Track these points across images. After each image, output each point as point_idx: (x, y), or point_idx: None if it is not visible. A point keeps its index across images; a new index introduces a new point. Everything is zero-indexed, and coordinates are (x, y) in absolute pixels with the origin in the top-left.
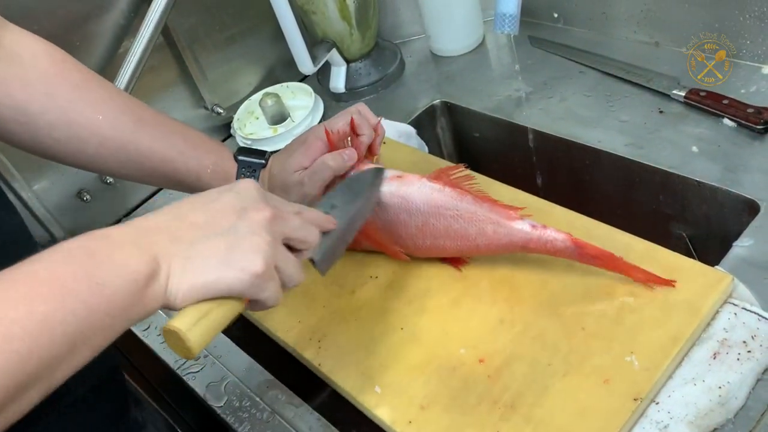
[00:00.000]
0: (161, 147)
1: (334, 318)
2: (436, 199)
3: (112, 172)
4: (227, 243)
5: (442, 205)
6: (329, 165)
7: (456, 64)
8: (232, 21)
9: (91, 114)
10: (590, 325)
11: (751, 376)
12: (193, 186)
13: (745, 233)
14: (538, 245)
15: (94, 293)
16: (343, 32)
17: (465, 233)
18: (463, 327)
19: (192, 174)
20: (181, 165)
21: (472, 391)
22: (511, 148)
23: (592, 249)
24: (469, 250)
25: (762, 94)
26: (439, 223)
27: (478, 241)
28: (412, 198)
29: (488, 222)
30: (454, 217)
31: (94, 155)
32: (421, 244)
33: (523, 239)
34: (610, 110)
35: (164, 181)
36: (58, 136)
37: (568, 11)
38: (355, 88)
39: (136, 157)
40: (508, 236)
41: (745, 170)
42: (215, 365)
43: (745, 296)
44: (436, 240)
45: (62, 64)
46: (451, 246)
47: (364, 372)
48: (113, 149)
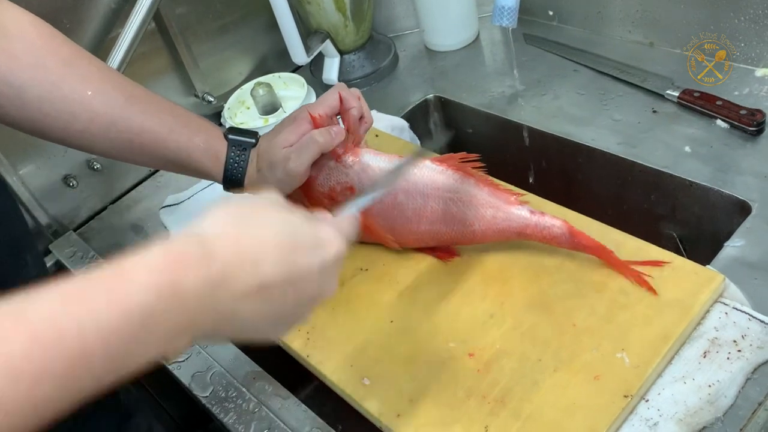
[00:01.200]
0: (151, 124)
1: (323, 309)
2: (437, 180)
3: (100, 150)
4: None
5: (443, 186)
6: (317, 140)
7: (450, 59)
8: (225, 9)
9: (82, 88)
10: (581, 322)
11: (741, 375)
12: (183, 164)
13: (737, 234)
14: (535, 231)
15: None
16: (338, 23)
17: (463, 217)
18: (453, 321)
19: (182, 152)
20: (171, 143)
21: (461, 386)
22: (504, 144)
23: (586, 239)
24: (464, 237)
25: (755, 96)
26: (438, 206)
27: (475, 226)
28: (414, 178)
29: (488, 206)
30: (454, 201)
31: (83, 131)
32: (416, 229)
33: (521, 224)
34: (603, 109)
35: (153, 159)
36: (47, 109)
37: (564, 9)
38: (348, 81)
39: (126, 134)
40: (506, 221)
41: (737, 171)
42: (201, 355)
43: (736, 296)
44: (432, 225)
45: (51, 38)
46: (447, 232)
47: (352, 364)
48: (103, 125)
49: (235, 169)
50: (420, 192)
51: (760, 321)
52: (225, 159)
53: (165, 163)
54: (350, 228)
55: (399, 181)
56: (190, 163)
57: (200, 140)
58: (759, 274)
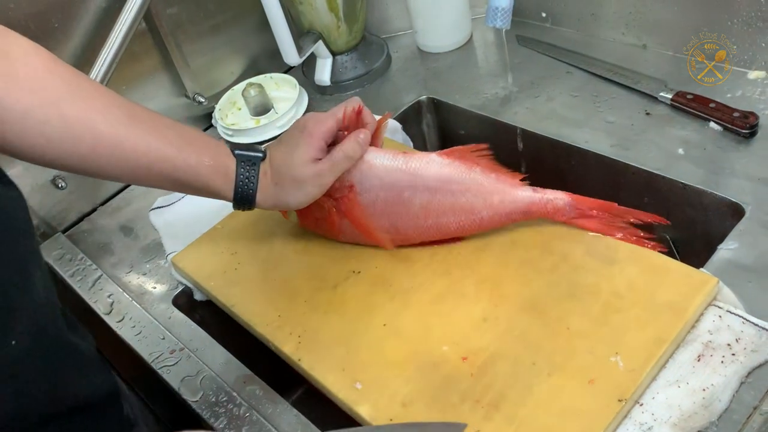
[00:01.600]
0: (157, 143)
1: (315, 312)
2: (445, 174)
3: (106, 173)
4: None
5: (451, 179)
6: (349, 155)
7: (443, 61)
8: (217, 9)
9: (85, 110)
10: (575, 325)
11: (735, 379)
12: (192, 183)
13: (730, 236)
14: (539, 207)
15: None
16: (330, 24)
17: (471, 207)
18: (446, 324)
19: (191, 170)
20: (179, 161)
21: (455, 390)
22: (497, 146)
23: (590, 201)
24: (470, 226)
25: (748, 98)
26: (446, 200)
27: (483, 213)
28: (421, 173)
29: (495, 193)
30: (462, 192)
31: (88, 155)
32: (422, 223)
33: (527, 203)
34: (596, 111)
35: (160, 179)
36: (50, 133)
37: (557, 11)
38: (340, 82)
39: (132, 155)
40: (513, 203)
41: (731, 174)
42: (191, 359)
43: (729, 299)
44: (439, 218)
45: (52, 61)
46: (454, 223)
47: (344, 368)
48: (108, 147)
49: (246, 186)
50: (427, 187)
51: (754, 324)
52: (235, 176)
53: (173, 183)
54: None
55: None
56: (199, 182)
57: (207, 158)
58: (753, 277)
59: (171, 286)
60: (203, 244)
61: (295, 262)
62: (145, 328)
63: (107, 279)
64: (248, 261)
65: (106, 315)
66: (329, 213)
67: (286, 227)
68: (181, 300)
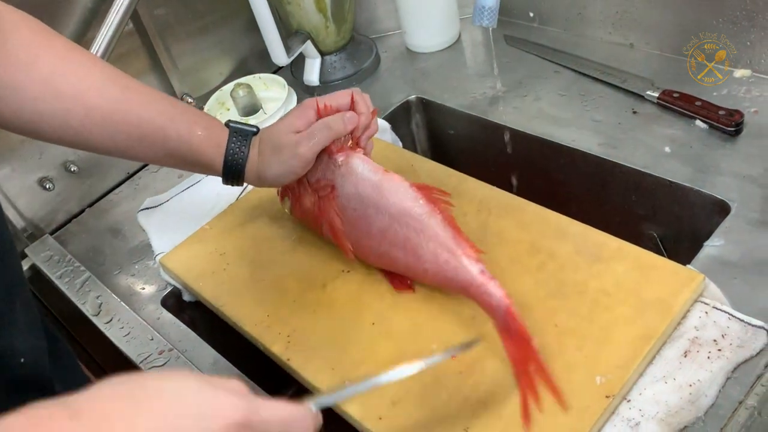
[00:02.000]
0: (150, 114)
1: (305, 312)
2: (408, 206)
3: (97, 145)
4: None
5: (411, 213)
6: (330, 126)
7: (432, 61)
8: (205, 9)
9: (77, 83)
10: (563, 322)
11: (721, 374)
12: (184, 155)
13: (716, 233)
14: (476, 291)
15: None
16: (319, 24)
17: (419, 251)
18: (435, 322)
19: (183, 141)
20: (171, 131)
21: (444, 388)
22: (486, 145)
23: (518, 326)
24: (415, 273)
25: (733, 96)
26: (401, 232)
27: (427, 265)
28: (387, 194)
29: (445, 249)
30: (416, 231)
31: (80, 128)
32: (376, 247)
33: (467, 280)
34: (584, 110)
35: (152, 151)
36: (42, 108)
37: (544, 11)
38: (329, 82)
39: (124, 127)
40: (454, 271)
41: (717, 171)
42: (180, 359)
43: (715, 295)
44: (390, 248)
45: (43, 33)
46: (402, 260)
47: (333, 367)
48: (100, 119)
49: (237, 156)
50: (389, 212)
51: (739, 320)
52: (225, 147)
53: (165, 155)
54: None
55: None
56: (191, 153)
57: (200, 128)
58: (738, 273)
59: (159, 287)
60: (192, 244)
61: (283, 262)
62: (134, 329)
63: (95, 280)
64: (237, 261)
65: (95, 316)
66: (313, 206)
67: (275, 227)
68: (169, 301)
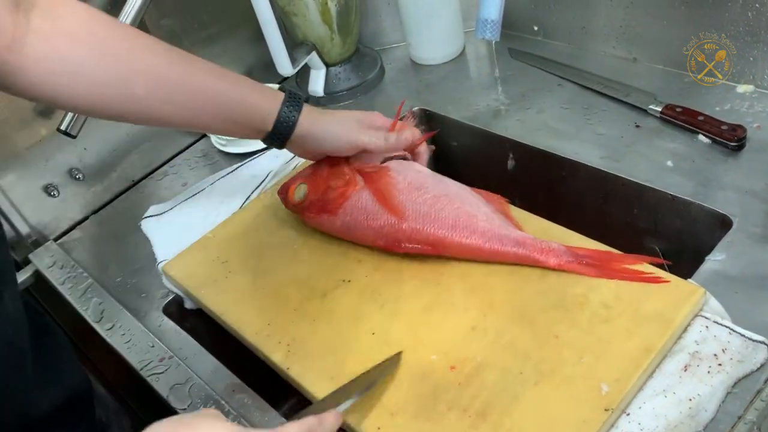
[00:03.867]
0: (211, 81)
1: (305, 321)
2: (465, 192)
3: (157, 116)
4: None
5: (466, 196)
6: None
7: (436, 73)
8: (211, 20)
9: (145, 56)
10: (563, 334)
11: (721, 389)
12: (235, 107)
13: (718, 248)
14: (532, 244)
15: None
16: (324, 36)
17: (472, 217)
18: (435, 333)
19: (236, 93)
20: (234, 94)
21: (442, 399)
22: (489, 157)
23: (584, 250)
24: (460, 245)
25: (736, 111)
26: (454, 203)
27: (480, 224)
28: (446, 181)
29: (497, 219)
30: (473, 204)
31: (145, 96)
32: (427, 212)
33: (522, 237)
34: (587, 123)
35: (213, 113)
36: (107, 81)
37: (548, 25)
38: (334, 93)
39: (189, 95)
40: (508, 231)
41: (719, 186)
42: (180, 366)
43: (716, 310)
44: (440, 212)
45: (100, 16)
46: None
47: (333, 377)
48: (168, 87)
49: (289, 118)
50: (447, 191)
51: (740, 335)
52: (279, 107)
53: (214, 108)
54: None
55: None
56: (245, 104)
57: (257, 92)
58: (739, 287)
59: (162, 294)
60: (194, 252)
61: (285, 270)
62: (135, 336)
63: (98, 287)
64: (239, 269)
65: (96, 323)
66: (346, 185)
67: (277, 236)
68: (171, 308)
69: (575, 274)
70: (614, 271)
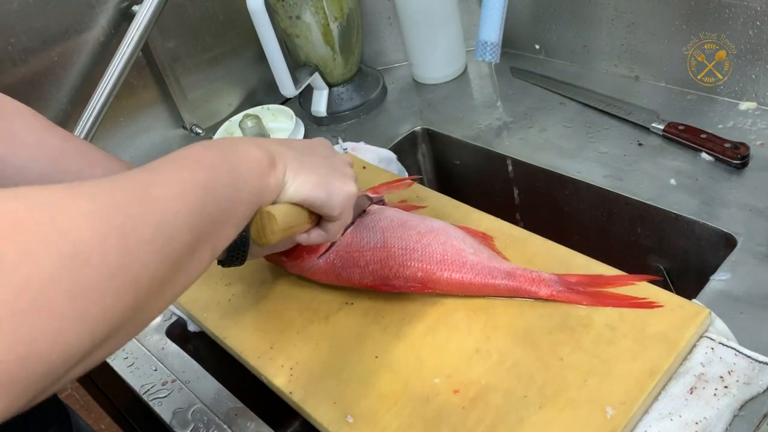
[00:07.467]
0: None
1: (307, 344)
2: (448, 224)
3: None
4: (327, 165)
5: (452, 228)
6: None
7: (438, 92)
8: (214, 42)
9: (81, 161)
10: (567, 356)
11: (728, 412)
12: None
13: (722, 267)
14: (522, 274)
15: (231, 173)
16: (326, 57)
17: (460, 251)
18: (438, 356)
19: None
20: None
21: (446, 423)
22: (491, 176)
23: (575, 276)
24: (449, 281)
25: (739, 129)
26: (440, 237)
27: (469, 258)
28: (427, 219)
29: (484, 252)
30: (459, 239)
31: None
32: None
33: (512, 268)
34: (589, 141)
35: None
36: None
37: (550, 43)
38: (336, 113)
39: None
40: (499, 263)
41: (722, 204)
42: (183, 390)
43: (722, 330)
44: (428, 264)
45: (44, 119)
46: (440, 253)
47: (336, 401)
48: None
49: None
50: (431, 227)
51: (746, 356)
52: None
53: None
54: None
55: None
56: None
57: None
58: (745, 308)
59: (165, 316)
60: None
61: (288, 293)
62: (138, 360)
63: None
64: (242, 292)
65: None
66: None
67: None
68: (175, 331)
69: None
70: (607, 299)
